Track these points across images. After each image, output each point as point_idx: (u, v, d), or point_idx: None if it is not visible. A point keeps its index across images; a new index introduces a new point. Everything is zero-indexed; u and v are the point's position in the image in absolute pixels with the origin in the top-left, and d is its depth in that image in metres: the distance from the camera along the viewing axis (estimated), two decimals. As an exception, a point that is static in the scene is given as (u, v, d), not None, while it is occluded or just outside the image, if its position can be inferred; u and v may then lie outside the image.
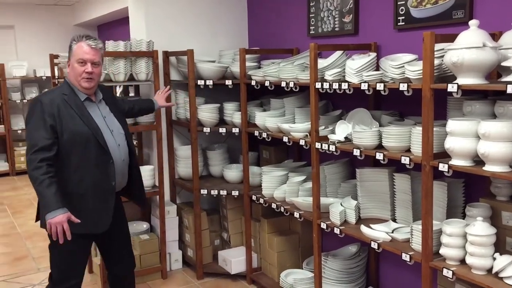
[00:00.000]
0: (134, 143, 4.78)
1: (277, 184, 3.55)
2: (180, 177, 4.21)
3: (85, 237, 2.68)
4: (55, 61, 5.04)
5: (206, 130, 3.85)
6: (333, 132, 3.09)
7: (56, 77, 5.72)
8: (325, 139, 3.00)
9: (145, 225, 4.17)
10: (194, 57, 3.80)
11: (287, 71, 3.27)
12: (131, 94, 4.79)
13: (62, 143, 2.54)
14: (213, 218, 4.27)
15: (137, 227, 4.15)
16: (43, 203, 2.47)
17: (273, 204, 3.46)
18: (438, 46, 2.33)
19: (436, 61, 2.33)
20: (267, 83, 3.42)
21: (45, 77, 8.05)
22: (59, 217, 2.42)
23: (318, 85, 2.92)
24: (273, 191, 3.51)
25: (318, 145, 2.97)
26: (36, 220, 2.70)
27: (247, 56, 3.76)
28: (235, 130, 3.79)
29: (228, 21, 4.43)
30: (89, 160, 2.61)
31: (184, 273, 4.16)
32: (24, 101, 8.15)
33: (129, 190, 2.94)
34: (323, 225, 3.01)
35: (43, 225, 2.55)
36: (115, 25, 8.13)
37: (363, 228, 2.80)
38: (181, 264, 4.22)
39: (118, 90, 6.00)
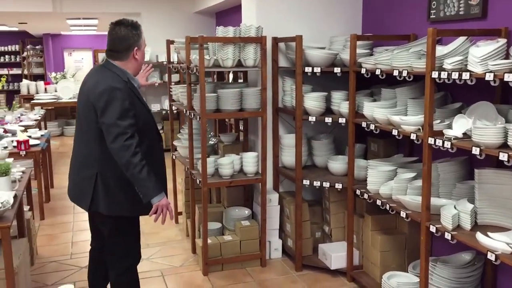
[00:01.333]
0: (241, 127, 4.82)
1: (384, 179, 3.33)
2: (284, 166, 4.14)
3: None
4: (172, 46, 5.22)
5: (312, 119, 3.73)
6: (449, 127, 2.79)
7: (173, 62, 5.96)
8: (440, 134, 2.72)
9: (246, 211, 4.19)
10: (303, 43, 3.68)
11: (401, 58, 3.02)
12: (240, 80, 4.82)
13: (138, 130, 2.55)
14: (315, 209, 4.16)
15: (239, 213, 4.19)
16: (148, 188, 2.49)
17: (378, 200, 3.25)
18: None
19: None
20: (378, 72, 3.20)
21: (165, 62, 8.46)
22: (165, 200, 2.58)
23: (434, 74, 2.64)
24: (379, 186, 3.30)
25: (431, 140, 2.70)
26: (90, 209, 2.65)
27: (359, 43, 3.55)
28: (342, 120, 3.62)
29: (341, 6, 4.23)
30: (153, 147, 2.68)
31: (283, 263, 4.11)
32: (146, 84, 8.67)
33: None
34: (433, 228, 2.74)
35: (135, 211, 2.65)
36: (231, 13, 8.27)
37: (479, 236, 2.50)
38: (280, 253, 4.18)
39: (231, 77, 6.11)
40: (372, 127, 3.28)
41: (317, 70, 3.66)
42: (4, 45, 16.17)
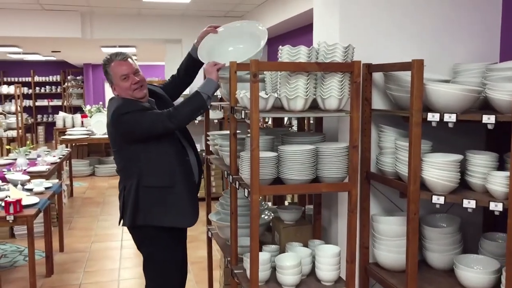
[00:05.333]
0: (308, 204, 3.36)
1: None
2: (377, 264, 2.64)
3: None
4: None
5: (438, 200, 2.22)
6: None
7: (216, 96, 4.69)
8: None
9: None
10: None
11: None
12: (306, 129, 3.39)
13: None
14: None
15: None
16: (201, 98, 2.67)
17: None
18: None
19: None
20: None
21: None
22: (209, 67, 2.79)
23: None
24: None
25: None
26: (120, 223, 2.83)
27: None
28: (496, 206, 2.09)
29: (466, 20, 2.77)
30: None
31: None
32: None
33: None
34: None
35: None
36: (287, 37, 7.02)
37: None
38: None
39: (285, 119, 4.69)
40: None
41: (451, 118, 2.17)
42: (45, 75, 15.62)
